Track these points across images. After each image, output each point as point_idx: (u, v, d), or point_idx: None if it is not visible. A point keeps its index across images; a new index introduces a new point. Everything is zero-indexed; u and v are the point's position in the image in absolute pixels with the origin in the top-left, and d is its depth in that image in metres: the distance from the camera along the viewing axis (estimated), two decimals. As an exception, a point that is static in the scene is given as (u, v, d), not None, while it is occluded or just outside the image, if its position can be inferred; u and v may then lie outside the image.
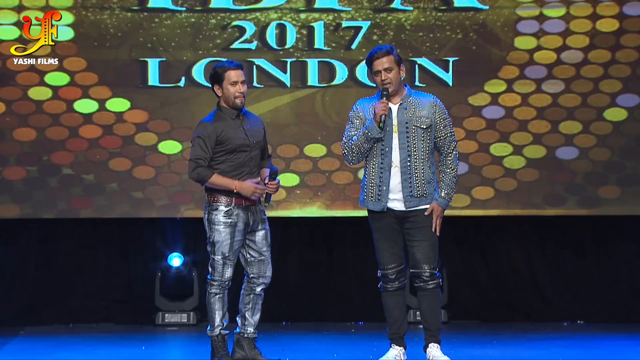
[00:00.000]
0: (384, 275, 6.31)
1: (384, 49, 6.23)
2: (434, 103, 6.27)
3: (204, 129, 6.30)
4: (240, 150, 6.31)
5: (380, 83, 6.22)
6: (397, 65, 6.23)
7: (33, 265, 9.23)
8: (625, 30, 8.99)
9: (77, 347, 7.77)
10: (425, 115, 6.22)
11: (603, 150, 9.04)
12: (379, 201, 6.24)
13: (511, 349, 7.52)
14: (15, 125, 8.83)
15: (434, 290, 6.29)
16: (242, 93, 6.31)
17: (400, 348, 6.34)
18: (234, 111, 6.35)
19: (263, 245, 6.41)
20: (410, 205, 6.21)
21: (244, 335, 6.45)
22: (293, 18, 8.92)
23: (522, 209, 9.01)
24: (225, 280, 6.37)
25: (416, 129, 6.20)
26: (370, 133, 6.16)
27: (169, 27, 8.89)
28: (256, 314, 6.46)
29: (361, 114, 6.29)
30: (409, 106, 6.23)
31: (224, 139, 6.28)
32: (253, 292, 6.44)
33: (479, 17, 8.95)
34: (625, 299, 9.29)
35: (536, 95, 9.00)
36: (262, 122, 6.53)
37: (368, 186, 6.29)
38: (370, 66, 6.25)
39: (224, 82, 6.31)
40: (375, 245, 6.33)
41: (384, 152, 6.21)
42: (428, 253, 6.23)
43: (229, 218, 6.30)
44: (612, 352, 7.40)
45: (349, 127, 6.32)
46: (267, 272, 6.43)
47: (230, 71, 6.30)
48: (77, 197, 8.88)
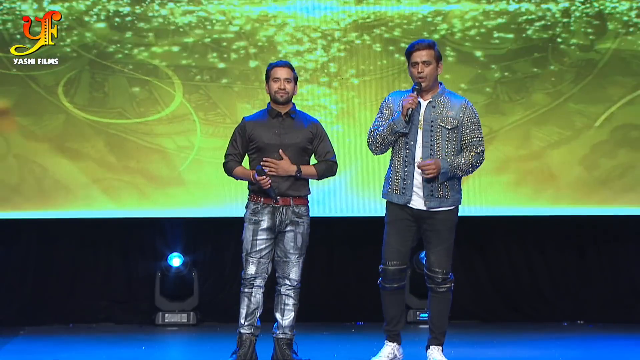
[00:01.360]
0: (384, 270, 6.29)
1: (425, 42, 6.21)
2: (464, 105, 6.24)
3: (240, 125, 6.52)
4: (269, 149, 6.38)
5: (415, 75, 6.19)
6: (435, 60, 6.20)
7: (33, 265, 9.23)
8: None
9: (77, 347, 7.77)
10: (452, 116, 6.19)
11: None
12: (403, 194, 6.22)
13: (511, 349, 7.52)
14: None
15: (445, 294, 6.31)
16: (284, 89, 6.37)
17: (394, 344, 6.35)
18: (277, 110, 6.43)
19: (290, 247, 6.43)
20: (430, 206, 6.20)
21: (277, 335, 6.48)
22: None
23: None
24: (249, 277, 6.39)
25: (441, 129, 6.18)
26: (396, 126, 6.14)
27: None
28: (286, 315, 6.47)
29: (392, 105, 6.28)
30: (437, 105, 6.21)
31: (254, 136, 6.42)
32: (279, 293, 6.49)
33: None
34: (625, 299, 9.30)
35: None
36: (315, 126, 6.53)
37: (393, 179, 6.27)
38: (409, 57, 6.22)
39: (270, 79, 6.44)
40: (384, 238, 6.31)
41: (408, 145, 6.20)
42: (442, 258, 6.27)
43: (254, 216, 6.40)
44: (612, 352, 7.40)
45: (378, 117, 6.32)
46: (291, 275, 6.45)
47: (276, 68, 6.43)
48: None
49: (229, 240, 9.33)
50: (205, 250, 9.44)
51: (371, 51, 8.98)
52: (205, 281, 9.34)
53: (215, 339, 8.25)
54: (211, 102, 8.94)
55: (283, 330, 6.47)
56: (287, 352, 6.44)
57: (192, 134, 8.97)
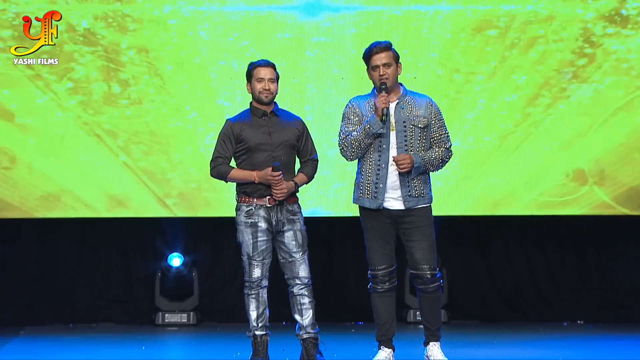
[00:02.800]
0: (373, 276, 6.27)
1: (383, 44, 6.18)
2: (429, 103, 6.24)
3: (226, 127, 6.40)
4: (260, 149, 6.33)
5: (377, 78, 6.17)
6: (395, 61, 6.20)
7: (33, 265, 9.23)
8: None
9: (77, 347, 7.77)
10: (422, 114, 6.20)
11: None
12: (375, 199, 6.21)
13: (511, 349, 7.52)
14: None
15: (435, 292, 6.26)
16: (269, 90, 6.33)
17: (389, 350, 6.31)
18: (262, 109, 6.38)
19: (293, 246, 6.40)
20: (409, 205, 6.17)
21: (302, 336, 6.47)
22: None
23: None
24: (255, 280, 6.37)
25: (414, 128, 6.17)
26: (372, 128, 6.12)
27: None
28: (305, 314, 6.46)
29: (358, 110, 6.24)
30: (406, 105, 6.21)
31: (243, 137, 6.34)
32: (293, 294, 6.46)
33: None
34: (625, 299, 9.30)
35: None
36: (299, 123, 6.49)
37: (364, 183, 6.26)
38: (369, 61, 6.20)
39: (252, 79, 6.38)
40: (366, 245, 6.29)
41: (381, 148, 6.18)
42: (427, 253, 6.18)
43: (250, 218, 6.34)
44: (612, 352, 7.40)
45: (345, 124, 6.27)
46: (301, 273, 6.42)
47: (259, 68, 6.36)
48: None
49: (229, 240, 9.33)
50: (205, 250, 9.44)
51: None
52: (205, 281, 9.34)
53: (215, 339, 8.25)
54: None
55: (306, 330, 6.46)
56: (312, 352, 6.42)
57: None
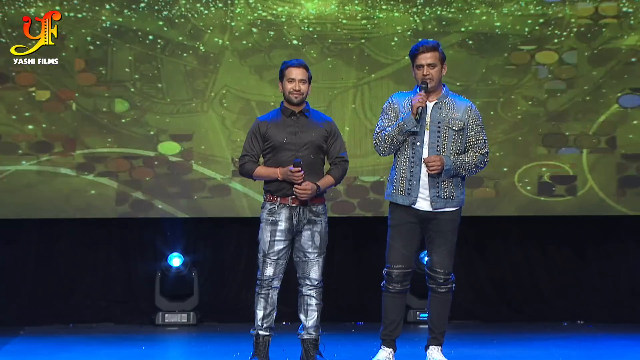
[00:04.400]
0: (388, 274, 6.28)
1: (430, 44, 6.18)
2: (469, 107, 6.24)
3: (254, 126, 6.44)
4: (285, 148, 6.33)
5: (420, 77, 6.18)
6: (440, 62, 6.20)
7: (33, 265, 9.23)
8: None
9: (77, 347, 7.76)
10: (458, 117, 6.19)
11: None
12: (408, 195, 6.20)
13: (511, 349, 7.52)
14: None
15: (446, 294, 6.30)
16: (299, 90, 6.33)
17: (390, 350, 6.32)
18: (291, 109, 6.39)
19: (308, 246, 6.38)
20: (436, 207, 6.18)
21: (302, 336, 6.46)
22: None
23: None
24: (266, 279, 6.37)
25: (448, 130, 6.18)
26: (406, 125, 6.12)
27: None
28: (310, 315, 6.44)
29: (396, 106, 6.26)
30: (444, 106, 6.21)
31: (268, 135, 6.36)
32: (301, 294, 6.46)
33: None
34: (625, 299, 9.30)
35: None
36: (329, 124, 6.47)
37: (398, 180, 6.24)
38: (414, 59, 6.21)
39: (284, 79, 6.39)
40: (387, 241, 6.28)
41: (415, 146, 6.19)
42: (444, 258, 6.24)
43: (271, 216, 6.34)
44: (612, 352, 7.40)
45: (383, 119, 6.28)
46: (312, 274, 6.41)
47: (291, 68, 6.37)
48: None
49: (229, 240, 9.34)
50: (205, 250, 9.43)
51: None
52: (205, 281, 9.34)
53: (215, 339, 8.24)
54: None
55: (307, 331, 6.44)
56: (312, 353, 6.42)
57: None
